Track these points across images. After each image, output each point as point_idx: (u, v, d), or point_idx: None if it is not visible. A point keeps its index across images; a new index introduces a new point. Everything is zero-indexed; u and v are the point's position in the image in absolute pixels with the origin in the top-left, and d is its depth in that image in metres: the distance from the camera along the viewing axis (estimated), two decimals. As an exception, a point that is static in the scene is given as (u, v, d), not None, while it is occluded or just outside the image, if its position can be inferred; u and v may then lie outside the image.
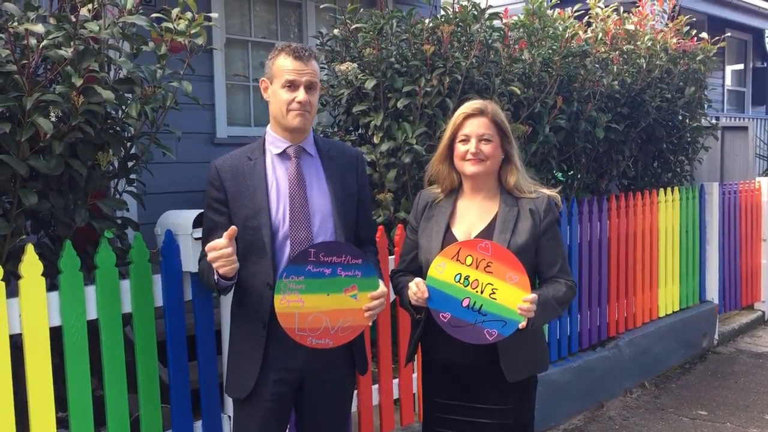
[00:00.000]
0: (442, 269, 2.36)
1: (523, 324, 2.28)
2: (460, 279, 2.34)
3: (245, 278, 2.37)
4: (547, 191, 2.53)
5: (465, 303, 2.34)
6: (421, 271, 2.54)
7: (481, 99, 2.58)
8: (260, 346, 2.36)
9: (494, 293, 2.31)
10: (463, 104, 2.54)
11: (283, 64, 2.35)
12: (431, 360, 2.60)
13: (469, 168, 2.46)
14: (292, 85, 2.34)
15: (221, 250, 2.17)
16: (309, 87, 2.36)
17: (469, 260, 2.33)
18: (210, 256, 2.19)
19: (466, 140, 2.47)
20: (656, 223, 5.63)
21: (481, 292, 2.32)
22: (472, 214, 2.52)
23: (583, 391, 4.74)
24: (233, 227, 2.21)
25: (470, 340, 2.33)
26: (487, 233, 2.45)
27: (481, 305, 2.32)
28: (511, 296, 2.29)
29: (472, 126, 2.46)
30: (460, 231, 2.50)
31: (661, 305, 5.76)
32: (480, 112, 2.47)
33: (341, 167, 2.52)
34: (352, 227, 2.50)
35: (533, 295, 2.28)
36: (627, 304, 5.37)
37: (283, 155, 2.44)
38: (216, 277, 2.24)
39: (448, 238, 2.48)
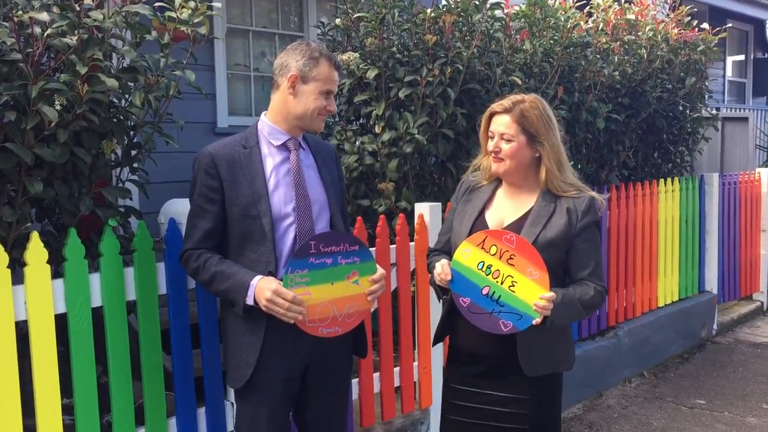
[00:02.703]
0: (467, 254, 2.38)
1: (537, 321, 2.29)
2: (483, 267, 2.36)
3: (245, 267, 2.38)
4: (591, 193, 2.49)
5: (485, 291, 2.35)
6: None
7: (526, 95, 2.50)
8: (260, 335, 2.38)
9: (513, 286, 2.32)
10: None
11: (327, 73, 2.41)
12: (452, 344, 2.61)
13: (492, 165, 2.49)
14: (328, 94, 2.43)
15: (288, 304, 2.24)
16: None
17: (493, 250, 2.34)
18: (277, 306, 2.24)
19: (492, 137, 2.48)
20: (656, 214, 5.65)
21: (501, 283, 2.33)
22: (508, 205, 2.51)
23: (583, 380, 4.77)
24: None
25: (486, 328, 2.35)
26: (518, 225, 2.44)
27: (500, 296, 2.34)
28: (530, 291, 2.30)
29: (495, 123, 2.47)
30: (492, 218, 2.50)
31: (660, 295, 5.78)
32: (505, 110, 2.44)
33: (326, 160, 2.59)
34: (341, 214, 2.57)
35: (551, 294, 2.28)
36: (627, 293, 5.39)
37: (281, 147, 2.46)
38: (248, 303, 2.30)
39: (478, 222, 2.50)
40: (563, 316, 2.35)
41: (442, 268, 2.40)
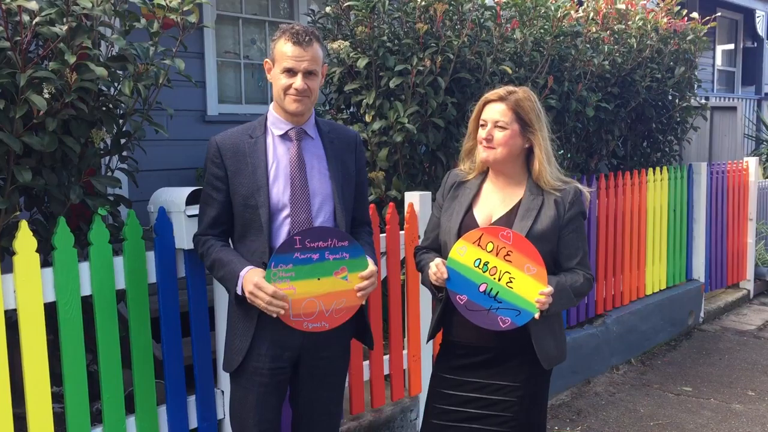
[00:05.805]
0: (463, 252, 2.38)
1: (537, 316, 2.31)
2: (479, 264, 2.36)
3: (243, 256, 2.40)
4: (576, 184, 2.51)
5: (482, 288, 2.36)
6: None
7: (517, 87, 2.53)
8: (252, 322, 2.40)
9: (511, 282, 2.33)
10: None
11: (284, 49, 2.35)
12: (446, 339, 2.61)
13: (481, 153, 2.48)
14: (290, 72, 2.35)
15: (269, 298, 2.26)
16: (308, 73, 2.36)
17: (489, 247, 2.35)
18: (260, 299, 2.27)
19: (484, 125, 2.47)
20: (645, 203, 5.68)
21: (499, 280, 2.34)
22: (496, 199, 2.52)
23: (571, 367, 4.81)
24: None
25: (483, 324, 2.37)
26: (507, 219, 2.45)
27: (498, 292, 2.35)
28: (528, 287, 2.32)
29: (489, 111, 2.46)
30: (481, 214, 2.50)
31: (648, 283, 5.83)
32: (500, 99, 2.45)
33: (341, 150, 2.54)
34: (350, 209, 2.53)
35: (550, 288, 2.31)
36: (615, 282, 5.43)
37: (284, 136, 2.46)
38: (240, 293, 2.33)
39: (467, 219, 2.49)
40: (557, 304, 2.38)
41: (437, 268, 2.40)
